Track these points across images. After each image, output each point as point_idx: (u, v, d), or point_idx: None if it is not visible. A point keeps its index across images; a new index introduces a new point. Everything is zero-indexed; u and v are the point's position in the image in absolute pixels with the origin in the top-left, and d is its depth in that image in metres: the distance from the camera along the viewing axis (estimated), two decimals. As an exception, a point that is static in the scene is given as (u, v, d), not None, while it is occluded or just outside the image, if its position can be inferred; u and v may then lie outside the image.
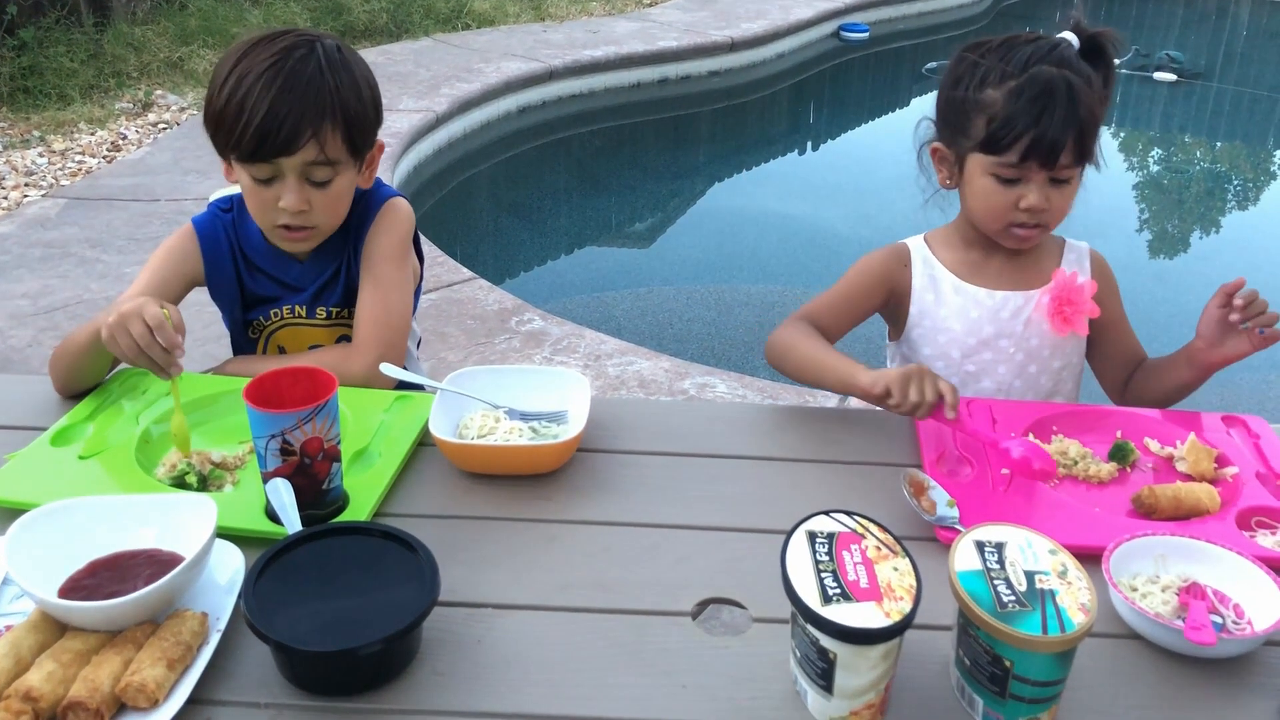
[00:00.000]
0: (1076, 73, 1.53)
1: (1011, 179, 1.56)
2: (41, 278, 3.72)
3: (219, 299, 1.75)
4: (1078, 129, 1.51)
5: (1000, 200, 1.58)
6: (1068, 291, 1.63)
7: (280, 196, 1.55)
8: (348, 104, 1.55)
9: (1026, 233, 1.60)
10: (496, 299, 3.65)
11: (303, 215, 1.57)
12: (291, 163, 1.53)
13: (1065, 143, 1.51)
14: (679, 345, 3.91)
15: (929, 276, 1.70)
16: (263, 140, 1.50)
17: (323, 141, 1.53)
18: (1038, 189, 1.56)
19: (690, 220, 5.51)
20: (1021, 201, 1.56)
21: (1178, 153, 7.24)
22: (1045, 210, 1.57)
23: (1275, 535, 1.28)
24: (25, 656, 1.01)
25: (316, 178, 1.56)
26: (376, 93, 1.64)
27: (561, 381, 1.54)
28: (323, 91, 1.52)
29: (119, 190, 4.55)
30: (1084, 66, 1.57)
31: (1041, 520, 1.28)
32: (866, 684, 0.98)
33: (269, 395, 1.26)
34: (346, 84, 1.56)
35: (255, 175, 1.56)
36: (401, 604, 1.05)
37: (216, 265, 1.71)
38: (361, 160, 1.63)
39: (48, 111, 5.51)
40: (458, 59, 6.57)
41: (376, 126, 1.64)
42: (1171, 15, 10.96)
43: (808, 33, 8.19)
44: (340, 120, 1.54)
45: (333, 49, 1.57)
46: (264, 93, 1.49)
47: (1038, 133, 1.51)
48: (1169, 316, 4.33)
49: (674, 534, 1.30)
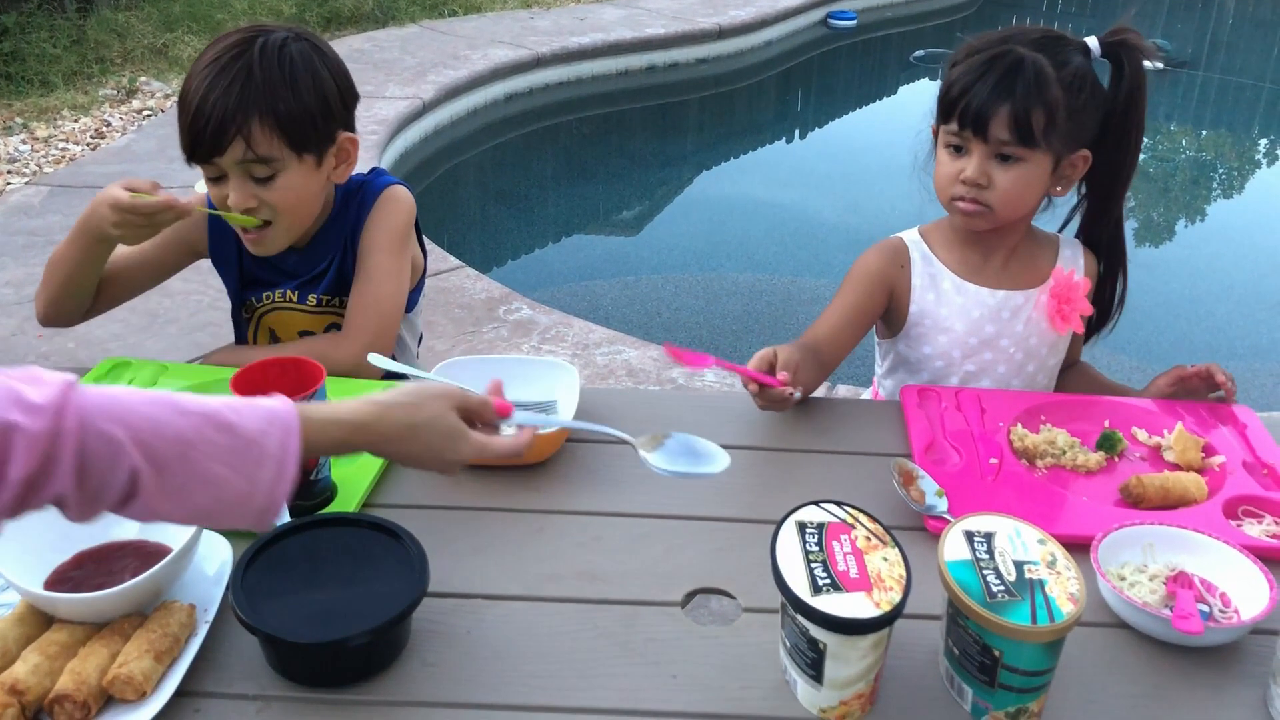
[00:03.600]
0: (1055, 62, 1.50)
1: (958, 147, 1.55)
2: (25, 266, 3.70)
3: (221, 271, 1.76)
4: (1020, 106, 1.48)
5: (946, 170, 1.57)
6: (1066, 289, 1.62)
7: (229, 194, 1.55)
8: (277, 100, 1.50)
9: (966, 206, 1.56)
10: (484, 288, 3.64)
11: (254, 212, 1.55)
12: (226, 161, 1.51)
13: (996, 112, 1.48)
14: (667, 334, 3.91)
15: (929, 275, 1.67)
16: (194, 140, 1.50)
17: (250, 138, 1.49)
18: (978, 162, 1.53)
19: (678, 208, 5.50)
20: (961, 173, 1.55)
21: (1164, 141, 7.26)
22: (984, 187, 1.53)
23: (1262, 524, 1.29)
24: (11, 649, 1.01)
25: (256, 174, 1.53)
26: (329, 86, 1.57)
27: (550, 371, 1.53)
28: (249, 88, 1.48)
29: (103, 178, 4.51)
30: (1080, 63, 1.53)
31: (1030, 510, 1.28)
32: (856, 674, 0.98)
33: (256, 385, 1.25)
34: (280, 79, 1.51)
35: (206, 174, 1.56)
36: (390, 595, 1.05)
37: (220, 238, 1.72)
38: (314, 156, 1.58)
39: (30, 98, 5.47)
40: (444, 46, 6.54)
41: (329, 121, 1.58)
42: (1158, 3, 10.98)
43: (796, 20, 8.18)
44: (270, 116, 1.50)
45: (276, 43, 1.53)
46: (196, 92, 1.49)
47: (970, 97, 1.50)
48: (1155, 305, 4.35)
49: (663, 524, 1.30)
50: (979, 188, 1.54)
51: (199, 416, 0.89)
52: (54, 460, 0.83)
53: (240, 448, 0.89)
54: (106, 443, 0.85)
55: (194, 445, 0.88)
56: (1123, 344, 3.87)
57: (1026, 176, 1.54)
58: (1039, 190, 1.58)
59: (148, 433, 0.87)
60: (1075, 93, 1.52)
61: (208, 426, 0.89)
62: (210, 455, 0.88)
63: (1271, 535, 1.27)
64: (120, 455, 0.85)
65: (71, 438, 0.83)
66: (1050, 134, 1.51)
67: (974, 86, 1.50)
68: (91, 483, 0.85)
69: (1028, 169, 1.53)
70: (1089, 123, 1.56)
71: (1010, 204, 1.56)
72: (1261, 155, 7.03)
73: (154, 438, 0.87)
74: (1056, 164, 1.56)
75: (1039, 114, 1.49)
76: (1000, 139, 1.50)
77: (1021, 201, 1.57)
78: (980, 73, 1.50)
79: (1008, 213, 1.57)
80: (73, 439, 0.83)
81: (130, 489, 0.86)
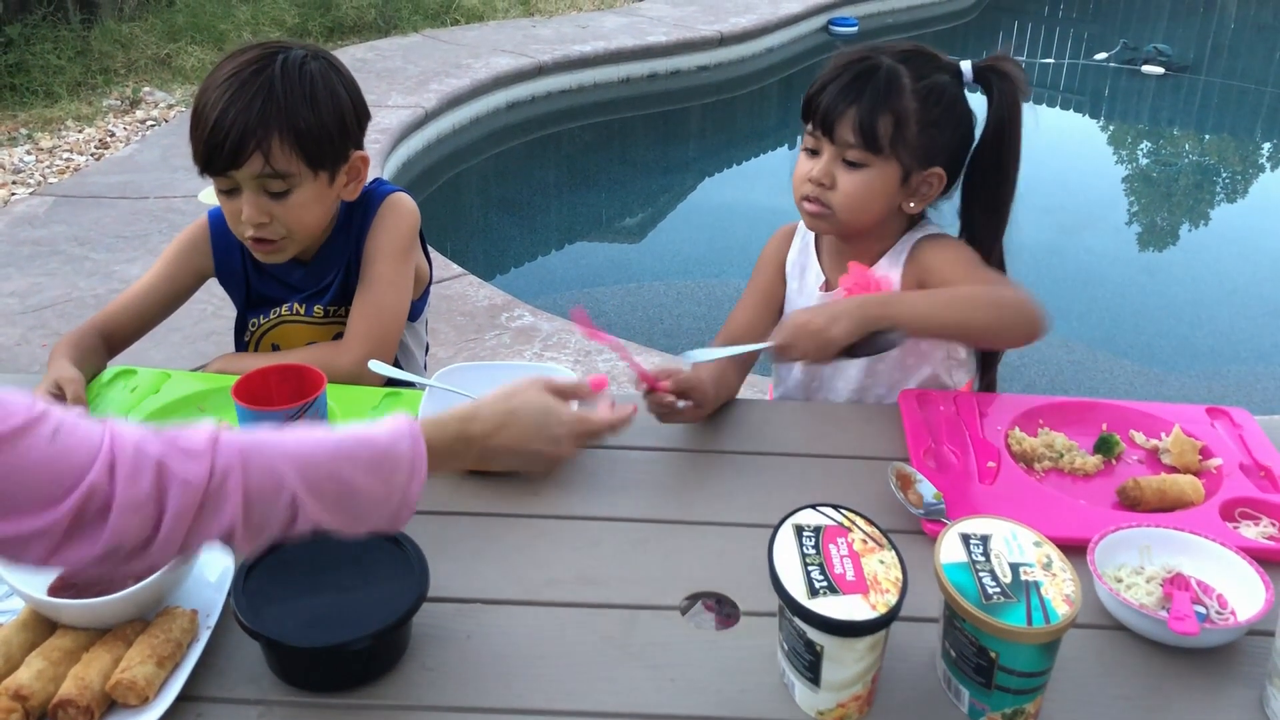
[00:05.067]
0: (915, 74, 1.50)
1: (812, 149, 1.55)
2: (30, 276, 3.72)
3: (229, 289, 1.77)
4: (865, 110, 1.48)
5: (800, 170, 1.56)
6: (860, 284, 1.56)
7: (242, 208, 1.55)
8: (298, 116, 1.51)
9: (810, 206, 1.55)
10: (486, 295, 3.65)
11: (265, 227, 1.56)
12: (243, 175, 1.52)
13: (843, 114, 1.49)
14: (669, 340, 3.92)
15: (800, 265, 1.68)
16: (211, 152, 1.50)
17: (269, 154, 1.50)
18: (824, 163, 1.52)
19: (680, 215, 5.51)
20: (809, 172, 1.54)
21: (1166, 146, 7.27)
22: (828, 188, 1.52)
23: (1259, 526, 1.29)
24: (15, 655, 1.02)
25: (271, 189, 1.54)
26: (345, 104, 1.59)
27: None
28: (270, 104, 1.49)
29: (107, 188, 4.54)
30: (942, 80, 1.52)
31: (1028, 513, 1.29)
32: (853, 676, 0.99)
33: (257, 393, 1.26)
34: (300, 96, 1.52)
35: (219, 187, 1.56)
36: (391, 599, 1.05)
37: (226, 260, 1.73)
38: (328, 173, 1.59)
39: (35, 109, 5.49)
40: (446, 54, 6.56)
41: (344, 139, 1.60)
42: (1159, 8, 10.99)
43: (797, 27, 8.19)
44: (289, 132, 1.51)
45: (297, 60, 1.54)
46: (214, 106, 1.49)
47: (823, 97, 1.51)
48: (1157, 309, 4.35)
49: (661, 528, 1.30)
50: (822, 187, 1.53)
51: (339, 437, 0.97)
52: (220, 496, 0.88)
53: (378, 457, 0.98)
54: (269, 473, 0.91)
55: (342, 464, 0.95)
56: (1125, 348, 3.88)
57: (870, 183, 1.52)
58: (883, 200, 1.55)
59: (302, 460, 0.93)
60: (929, 106, 1.51)
61: (349, 443, 0.97)
62: (356, 468, 0.96)
63: (1268, 537, 1.27)
64: (283, 483, 0.91)
65: (236, 473, 0.89)
66: (898, 143, 1.50)
67: (828, 87, 1.51)
68: (256, 515, 0.91)
69: (871, 175, 1.52)
70: (945, 140, 1.54)
71: (851, 209, 1.54)
72: (1263, 159, 7.03)
73: (309, 465, 0.93)
74: (906, 177, 1.54)
75: (886, 120, 1.48)
76: (846, 140, 1.50)
77: (863, 208, 1.54)
78: (835, 75, 1.51)
79: (849, 217, 1.55)
80: (238, 474, 0.89)
81: (291, 514, 0.92)
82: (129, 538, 0.85)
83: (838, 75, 1.51)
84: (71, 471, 0.83)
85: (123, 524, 0.84)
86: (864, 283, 1.55)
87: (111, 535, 0.84)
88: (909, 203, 1.57)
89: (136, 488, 0.85)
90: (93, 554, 0.84)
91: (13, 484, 0.81)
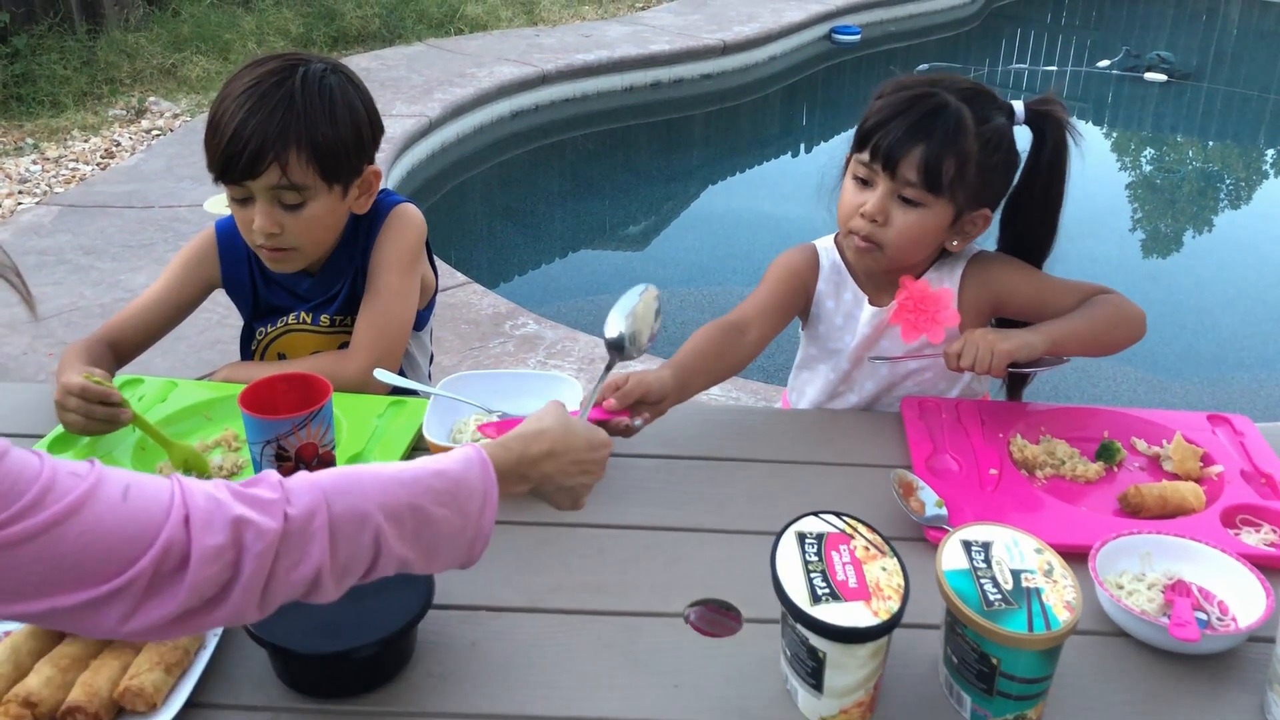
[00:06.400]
0: (977, 116, 1.49)
1: (864, 180, 1.53)
2: (36, 285, 3.73)
3: (236, 299, 1.78)
4: (933, 151, 1.46)
5: (849, 200, 1.55)
6: (917, 298, 1.56)
7: (254, 218, 1.56)
8: (317, 131, 1.52)
9: (859, 243, 1.54)
10: (490, 303, 3.66)
11: (277, 237, 1.57)
12: (258, 185, 1.52)
13: (909, 151, 1.47)
14: (672, 349, 3.90)
15: (834, 284, 1.67)
16: (229, 162, 1.51)
17: (286, 166, 1.51)
18: (879, 199, 1.50)
19: (683, 223, 5.52)
20: (862, 206, 1.53)
21: (1169, 153, 7.27)
22: (881, 225, 1.51)
23: (1259, 533, 1.30)
24: (24, 662, 1.03)
25: (286, 201, 1.54)
26: (362, 119, 1.60)
27: (555, 386, 1.55)
28: (290, 116, 1.50)
29: (113, 197, 4.55)
30: (1001, 123, 1.52)
31: (1030, 520, 1.29)
32: (856, 682, 0.99)
33: (264, 401, 1.27)
34: (320, 110, 1.53)
35: (232, 195, 1.57)
36: (397, 607, 1.06)
37: (233, 270, 1.73)
38: (342, 187, 1.60)
39: (41, 119, 5.52)
40: (450, 64, 6.58)
41: (359, 154, 1.60)
42: (1162, 15, 10.99)
43: (800, 35, 8.20)
44: (308, 146, 1.51)
45: (317, 74, 1.55)
46: (234, 116, 1.50)
47: (886, 132, 1.48)
48: (1161, 316, 4.35)
49: (665, 536, 1.31)
50: (875, 224, 1.52)
51: (414, 469, 0.96)
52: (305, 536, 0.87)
53: (451, 488, 0.96)
54: (353, 510, 0.90)
55: (419, 495, 0.94)
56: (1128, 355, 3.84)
57: (924, 223, 1.52)
58: (934, 240, 1.56)
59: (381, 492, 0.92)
60: (990, 150, 1.51)
61: (425, 475, 0.96)
62: (432, 499, 0.94)
63: (1269, 544, 1.27)
64: (367, 518, 0.90)
65: (322, 513, 0.88)
66: (957, 185, 1.49)
67: (892, 121, 1.49)
68: (343, 553, 0.89)
69: (926, 215, 1.51)
70: (997, 184, 1.55)
71: (902, 248, 1.54)
72: (1267, 166, 7.03)
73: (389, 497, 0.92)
74: (957, 217, 1.54)
75: (950, 162, 1.47)
76: (907, 179, 1.49)
77: (914, 247, 1.55)
78: (901, 109, 1.49)
79: (898, 255, 1.55)
80: (323, 514, 0.88)
81: (375, 550, 0.91)
82: (209, 588, 0.83)
83: (903, 110, 1.49)
84: (146, 529, 0.81)
85: (201, 575, 0.81)
86: (921, 296, 1.55)
87: (190, 589, 0.81)
88: (954, 241, 1.58)
89: (213, 536, 0.82)
90: (170, 611, 0.81)
91: (88, 552, 0.78)
